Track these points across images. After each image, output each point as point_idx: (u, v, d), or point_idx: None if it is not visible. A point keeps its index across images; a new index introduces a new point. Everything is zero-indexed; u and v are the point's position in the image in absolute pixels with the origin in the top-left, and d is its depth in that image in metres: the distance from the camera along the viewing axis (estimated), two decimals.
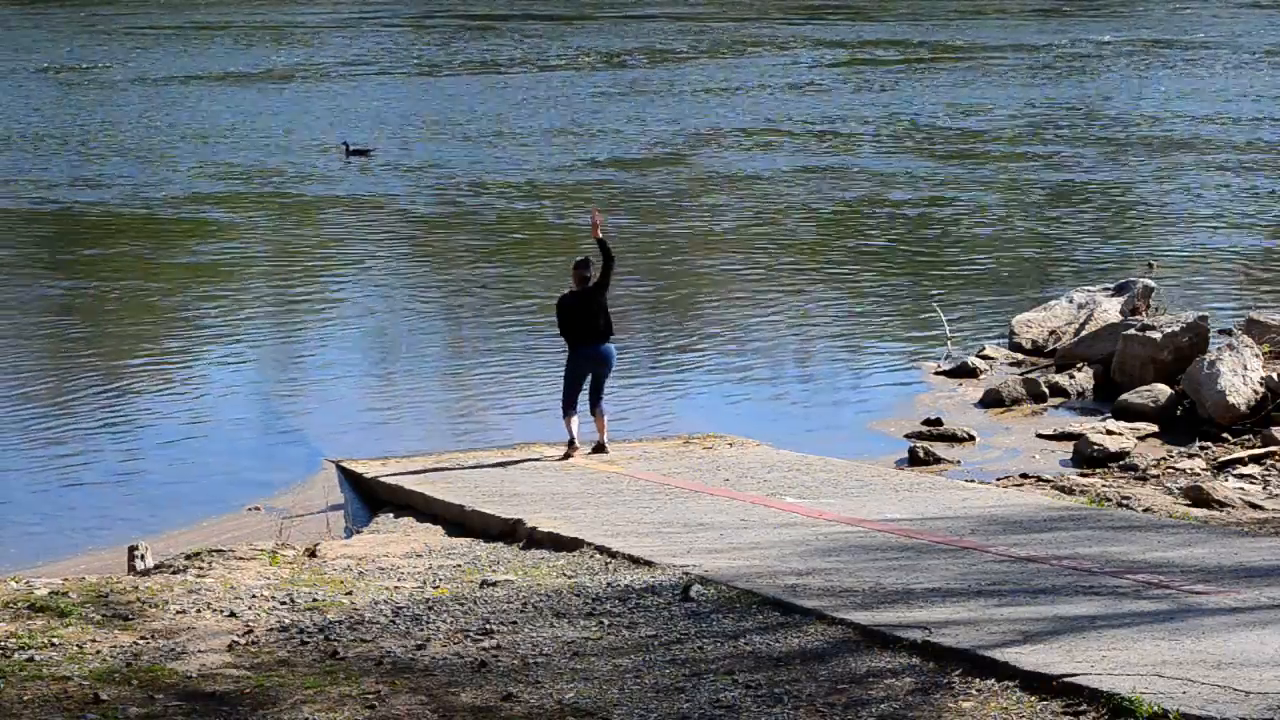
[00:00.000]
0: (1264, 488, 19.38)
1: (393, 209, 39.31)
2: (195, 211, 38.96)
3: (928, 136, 48.74)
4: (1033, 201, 39.54)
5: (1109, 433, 21.90)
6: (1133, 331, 24.25)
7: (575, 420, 20.33)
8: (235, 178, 42.92)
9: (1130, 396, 23.08)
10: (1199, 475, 20.01)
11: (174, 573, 15.42)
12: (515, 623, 13.04)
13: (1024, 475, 20.25)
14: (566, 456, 20.22)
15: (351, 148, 45.82)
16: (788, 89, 58.83)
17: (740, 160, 45.06)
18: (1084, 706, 10.76)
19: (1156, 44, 71.63)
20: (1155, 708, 10.44)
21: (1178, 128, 49.89)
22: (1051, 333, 26.52)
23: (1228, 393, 22.22)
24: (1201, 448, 21.49)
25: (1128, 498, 18.49)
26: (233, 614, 13.47)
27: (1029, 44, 71.93)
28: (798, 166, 43.92)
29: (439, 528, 17.86)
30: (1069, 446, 21.68)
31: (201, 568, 15.46)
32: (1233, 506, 18.18)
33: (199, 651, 12.44)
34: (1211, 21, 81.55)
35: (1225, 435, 21.88)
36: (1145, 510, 17.78)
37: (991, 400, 23.86)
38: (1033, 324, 26.75)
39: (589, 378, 20.33)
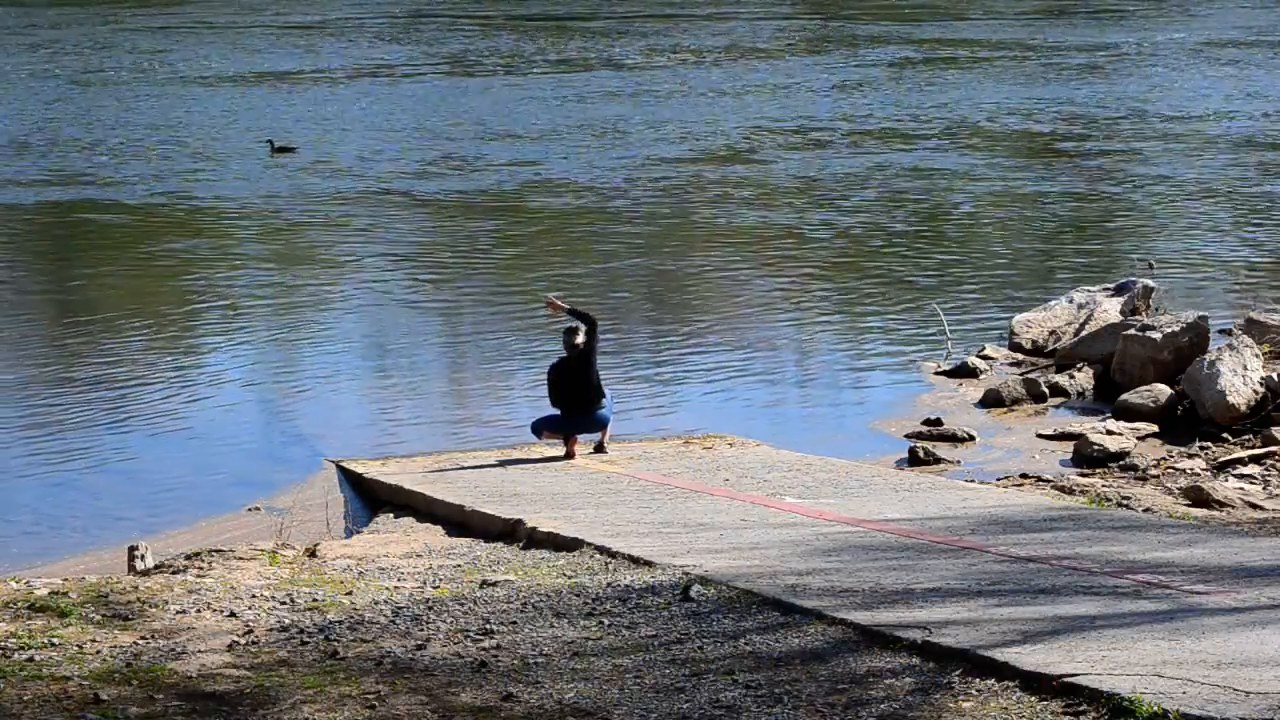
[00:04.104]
0: (1264, 488, 19.37)
1: (395, 208, 39.29)
2: (196, 209, 38.96)
3: (936, 136, 48.72)
4: (1034, 201, 39.52)
5: (1109, 433, 21.90)
6: (1133, 331, 24.24)
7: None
8: (237, 176, 42.91)
9: (1130, 396, 23.07)
10: (1199, 475, 20.00)
11: (174, 573, 15.42)
12: (515, 623, 13.04)
13: (1024, 475, 20.24)
14: (568, 455, 20.23)
15: (276, 145, 45.94)
16: (806, 90, 58.75)
17: (742, 160, 45.05)
18: (1084, 706, 10.76)
19: (1209, 44, 71.24)
20: (1155, 708, 10.45)
21: (1184, 127, 49.88)
22: (1051, 333, 26.52)
23: (1228, 393, 22.22)
24: (1201, 448, 21.48)
25: (1128, 498, 18.48)
26: (233, 614, 13.47)
27: (1066, 44, 71.75)
28: (802, 166, 43.90)
29: (439, 528, 17.85)
30: (1069, 446, 21.67)
31: (201, 568, 15.46)
32: (1233, 506, 18.17)
33: (199, 651, 12.44)
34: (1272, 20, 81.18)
35: (1225, 435, 21.87)
36: (1145, 510, 17.77)
37: (992, 400, 23.86)
38: (1033, 324, 26.75)
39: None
